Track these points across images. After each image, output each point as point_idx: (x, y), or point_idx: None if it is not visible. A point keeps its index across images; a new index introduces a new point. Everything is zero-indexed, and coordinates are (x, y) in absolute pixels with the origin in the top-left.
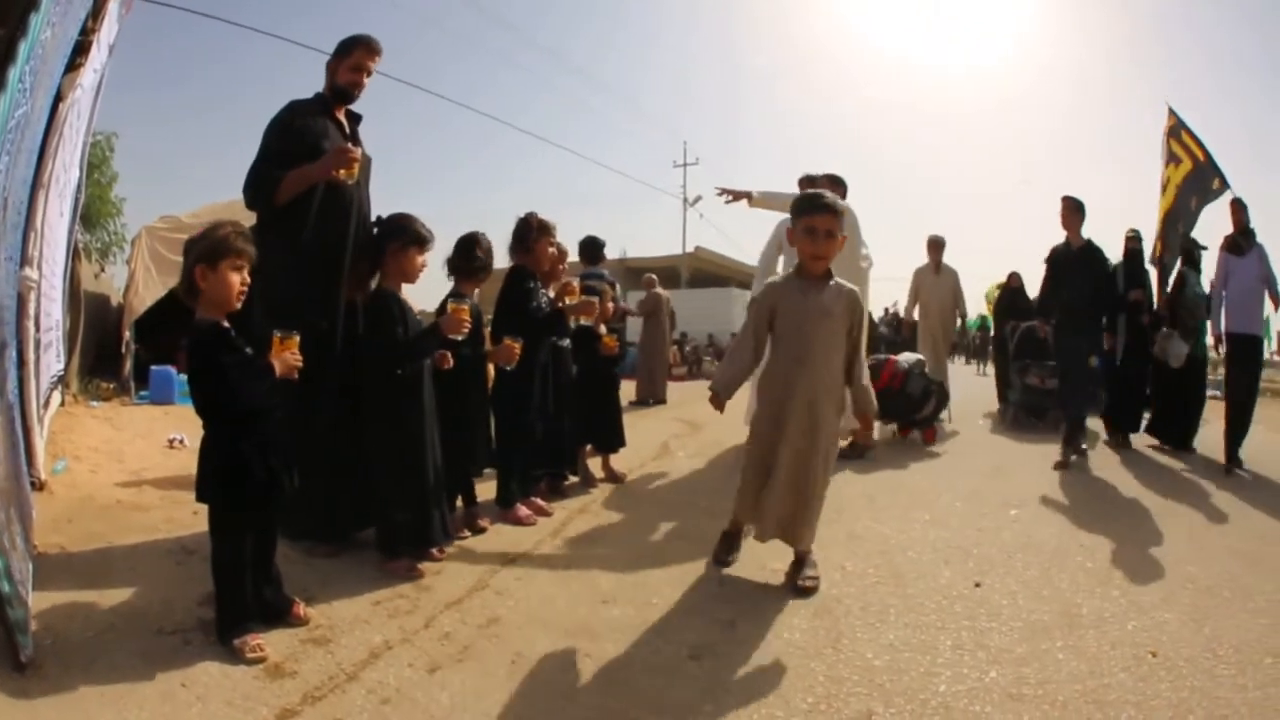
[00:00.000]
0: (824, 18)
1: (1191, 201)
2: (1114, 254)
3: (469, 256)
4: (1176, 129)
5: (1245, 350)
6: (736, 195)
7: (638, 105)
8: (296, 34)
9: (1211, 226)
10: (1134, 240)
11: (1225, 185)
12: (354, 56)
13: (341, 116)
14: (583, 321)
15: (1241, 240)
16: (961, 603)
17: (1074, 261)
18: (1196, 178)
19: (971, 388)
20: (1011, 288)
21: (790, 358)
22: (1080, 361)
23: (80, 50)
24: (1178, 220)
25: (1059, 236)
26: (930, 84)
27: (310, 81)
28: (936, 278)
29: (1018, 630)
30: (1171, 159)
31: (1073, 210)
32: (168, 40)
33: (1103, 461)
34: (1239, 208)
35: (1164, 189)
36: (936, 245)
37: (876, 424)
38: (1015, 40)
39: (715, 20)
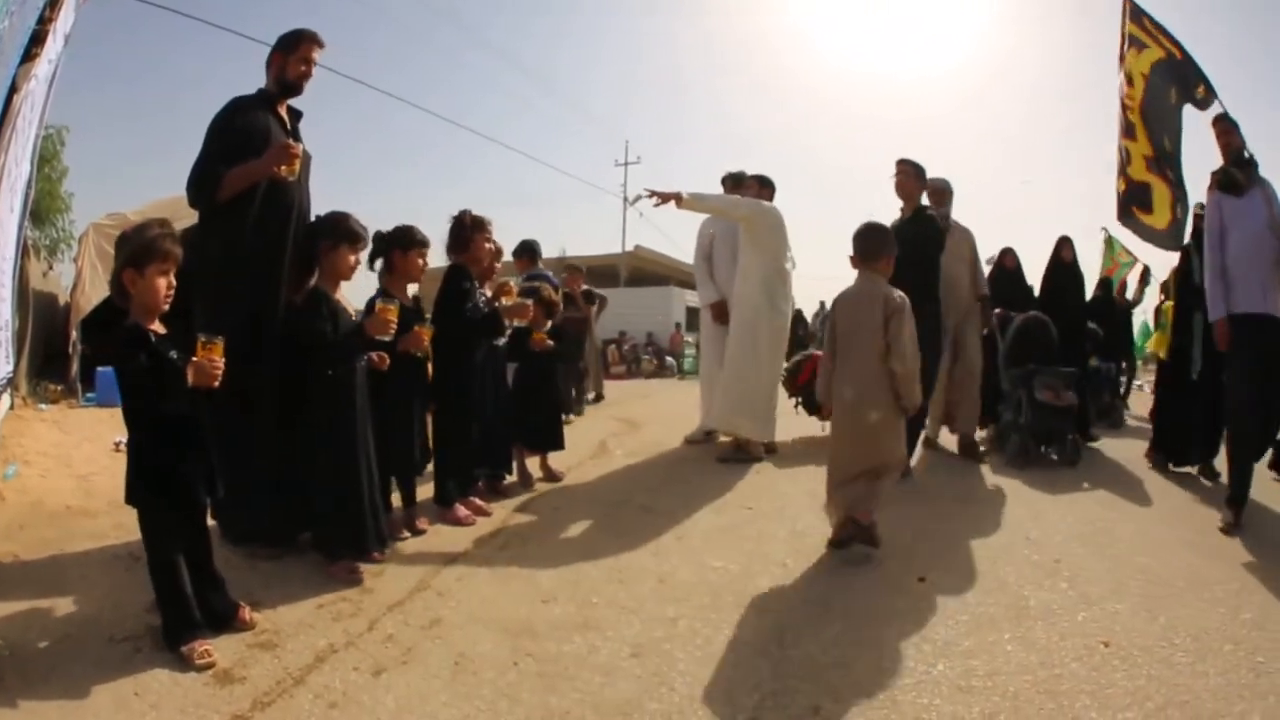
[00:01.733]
0: (772, 17)
1: (1170, 93)
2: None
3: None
4: (1137, 13)
5: (1256, 340)
6: (665, 197)
7: (582, 104)
8: (247, 29)
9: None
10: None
11: (1211, 93)
12: (302, 49)
13: (283, 113)
14: (517, 323)
15: (1238, 174)
16: (906, 597)
17: (906, 234)
18: (1171, 69)
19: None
20: (1005, 268)
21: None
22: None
23: (36, 40)
24: (1161, 122)
25: (1022, 234)
26: (882, 85)
27: (263, 79)
28: (947, 240)
29: (964, 623)
30: (1133, 44)
31: (912, 176)
32: (118, 34)
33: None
34: (1228, 128)
35: (1128, 80)
36: (940, 192)
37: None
38: (971, 40)
39: (662, 19)
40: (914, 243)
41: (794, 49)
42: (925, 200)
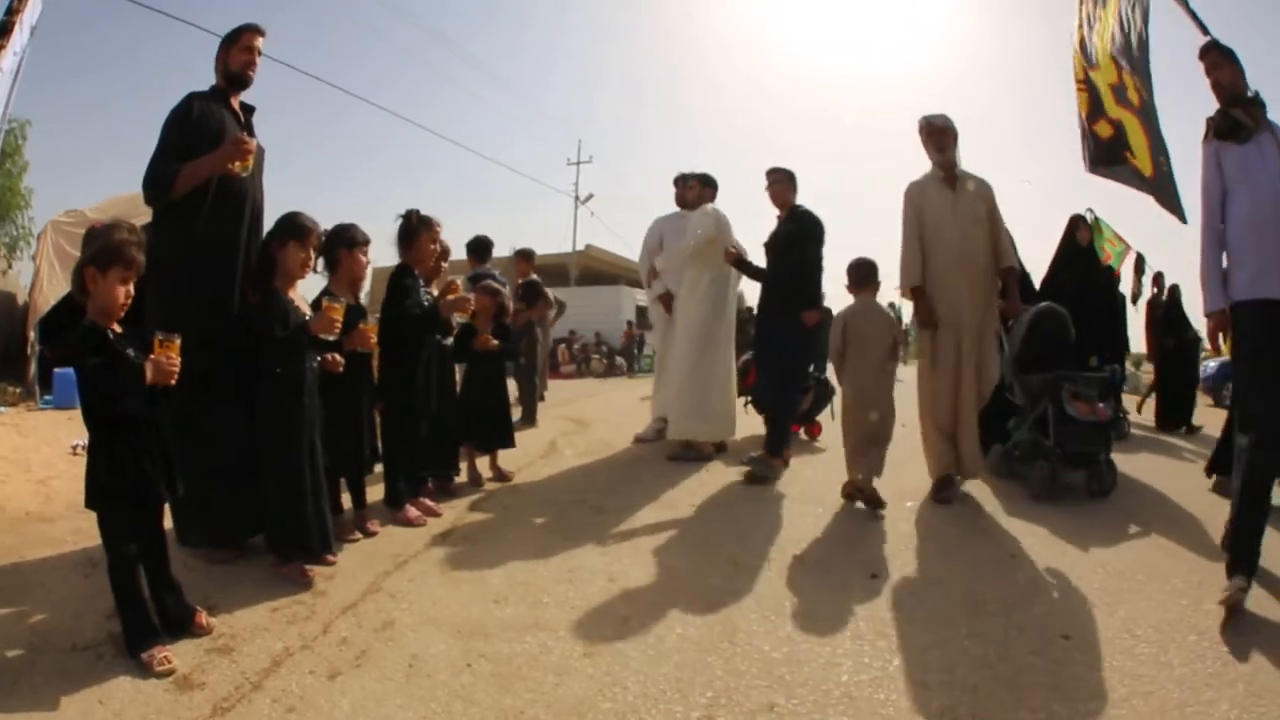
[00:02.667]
0: (732, 17)
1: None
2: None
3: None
4: None
5: (1272, 337)
6: (666, 303)
7: (537, 102)
8: (209, 24)
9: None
10: None
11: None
12: (243, 38)
13: (236, 107)
14: (458, 319)
15: (1241, 117)
16: (858, 594)
17: (780, 236)
18: None
19: None
20: None
21: None
22: (781, 348)
23: (3, 32)
24: (1129, 18)
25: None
26: (841, 86)
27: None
28: (954, 198)
29: (919, 619)
30: None
31: (784, 182)
32: (80, 27)
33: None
34: (1219, 60)
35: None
36: (941, 132)
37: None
38: (934, 41)
39: (621, 18)
40: (791, 241)
41: (753, 49)
42: (798, 200)
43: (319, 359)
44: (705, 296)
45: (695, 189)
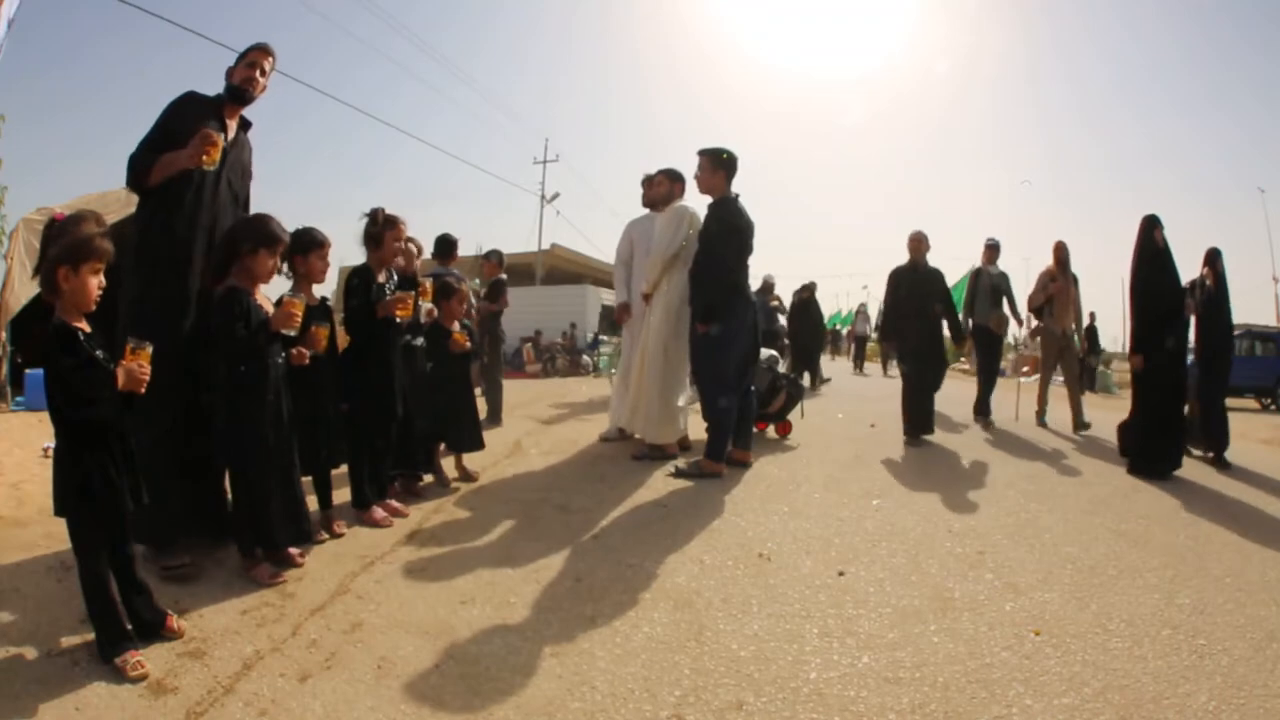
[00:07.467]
0: (701, 16)
1: None
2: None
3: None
4: None
5: None
6: (645, 296)
7: (504, 101)
8: (177, 18)
9: None
10: None
11: None
12: (249, 55)
13: (231, 119)
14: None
15: None
16: (826, 592)
17: (703, 230)
18: None
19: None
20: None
21: None
22: (692, 355)
23: None
24: None
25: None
26: (805, 90)
27: (196, 71)
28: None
29: (887, 616)
30: None
31: (704, 166)
32: (51, 21)
33: (969, 448)
34: None
35: None
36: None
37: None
38: (892, 49)
39: (589, 16)
40: (704, 237)
41: (722, 48)
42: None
43: (284, 355)
44: (670, 305)
45: (664, 185)
